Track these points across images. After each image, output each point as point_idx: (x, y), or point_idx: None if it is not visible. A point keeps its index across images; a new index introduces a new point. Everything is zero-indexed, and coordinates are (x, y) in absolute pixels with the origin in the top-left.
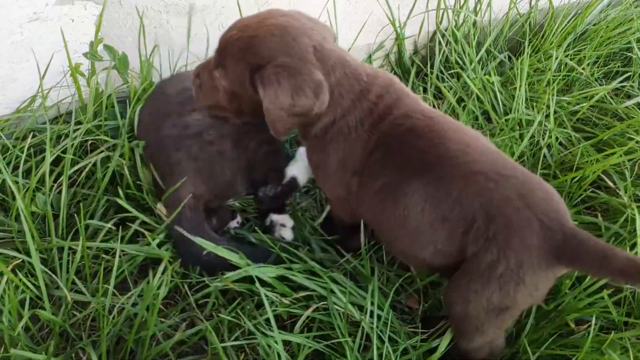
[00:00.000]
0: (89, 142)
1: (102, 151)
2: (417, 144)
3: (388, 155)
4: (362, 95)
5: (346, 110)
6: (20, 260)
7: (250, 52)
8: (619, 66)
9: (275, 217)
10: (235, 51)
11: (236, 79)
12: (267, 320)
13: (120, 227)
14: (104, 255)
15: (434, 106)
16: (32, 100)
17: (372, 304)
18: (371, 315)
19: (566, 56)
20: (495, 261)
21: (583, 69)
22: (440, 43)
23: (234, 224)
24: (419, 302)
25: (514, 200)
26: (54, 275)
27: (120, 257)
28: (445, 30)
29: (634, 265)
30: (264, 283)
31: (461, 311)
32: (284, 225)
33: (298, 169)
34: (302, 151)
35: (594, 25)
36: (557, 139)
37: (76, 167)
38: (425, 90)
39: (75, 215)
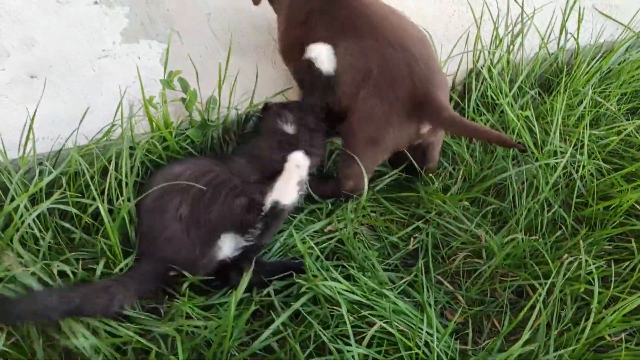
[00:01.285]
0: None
1: None
2: (349, 11)
3: (325, 16)
4: None
5: None
6: None
7: None
8: None
9: None
10: None
11: None
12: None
13: None
14: None
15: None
16: (108, 132)
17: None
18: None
19: (594, 93)
20: (375, 104)
21: (611, 104)
22: (477, 79)
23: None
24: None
25: (401, 65)
26: None
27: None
28: (482, 68)
29: (450, 117)
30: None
31: (350, 140)
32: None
33: (279, 190)
34: (289, 162)
35: (619, 64)
36: (589, 170)
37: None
38: None
39: None
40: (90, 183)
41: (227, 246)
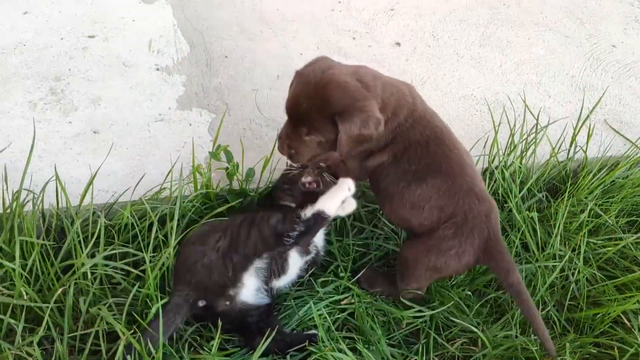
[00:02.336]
0: None
1: None
2: (440, 153)
3: (419, 152)
4: (409, 113)
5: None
6: None
7: (328, 107)
8: None
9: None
10: (319, 114)
11: (324, 131)
12: None
13: None
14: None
15: None
16: (158, 192)
17: None
18: None
19: (595, 205)
20: (454, 245)
21: (610, 216)
22: (490, 178)
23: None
24: None
25: (482, 216)
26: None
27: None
28: (496, 169)
29: (516, 282)
30: None
31: (411, 263)
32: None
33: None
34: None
35: (623, 179)
36: (584, 275)
37: None
38: None
39: None
40: (139, 237)
41: (249, 287)
